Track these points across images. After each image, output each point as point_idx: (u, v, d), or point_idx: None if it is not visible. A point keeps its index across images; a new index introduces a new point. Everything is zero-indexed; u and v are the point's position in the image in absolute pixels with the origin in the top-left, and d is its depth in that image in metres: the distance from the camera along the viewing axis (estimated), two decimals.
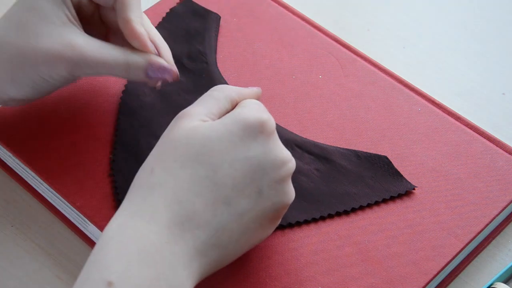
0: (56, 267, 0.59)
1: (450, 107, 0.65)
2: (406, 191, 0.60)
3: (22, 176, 0.63)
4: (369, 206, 0.59)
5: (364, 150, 0.62)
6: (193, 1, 0.72)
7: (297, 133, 0.63)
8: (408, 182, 0.60)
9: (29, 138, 0.62)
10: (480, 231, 0.58)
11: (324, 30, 0.71)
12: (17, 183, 0.63)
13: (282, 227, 0.58)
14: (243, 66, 0.68)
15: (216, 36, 0.70)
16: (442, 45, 0.75)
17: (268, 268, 0.56)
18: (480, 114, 0.68)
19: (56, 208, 0.61)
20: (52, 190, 0.60)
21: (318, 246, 0.57)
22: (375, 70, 0.68)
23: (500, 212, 0.59)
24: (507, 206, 0.59)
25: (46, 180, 0.60)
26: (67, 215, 0.61)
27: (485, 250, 0.60)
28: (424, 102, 0.65)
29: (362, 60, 0.68)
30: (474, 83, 0.71)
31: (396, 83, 0.67)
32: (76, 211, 0.59)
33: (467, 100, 0.70)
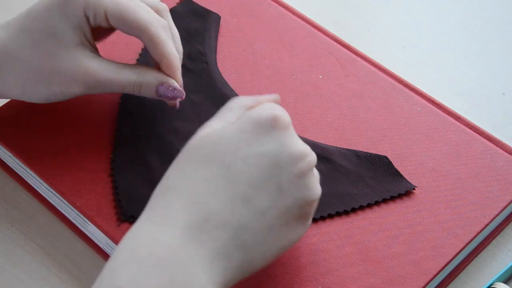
0: (56, 267, 0.59)
1: (450, 107, 0.65)
2: (406, 191, 0.60)
3: (22, 176, 0.63)
4: (369, 206, 0.59)
5: (364, 150, 0.62)
6: (193, 1, 0.72)
7: (297, 133, 0.63)
8: (408, 182, 0.60)
9: (29, 138, 0.62)
10: (480, 231, 0.58)
11: (324, 30, 0.71)
12: (17, 183, 0.63)
13: None
14: (243, 66, 0.68)
15: (216, 36, 0.70)
16: (442, 45, 0.75)
17: (268, 268, 0.56)
18: (480, 114, 0.68)
19: (56, 208, 0.61)
20: (52, 190, 0.60)
21: (318, 246, 0.57)
22: (375, 70, 0.68)
23: (500, 212, 0.59)
24: (507, 206, 0.59)
25: (46, 180, 0.60)
26: (67, 215, 0.61)
27: (485, 250, 0.60)
28: (424, 102, 0.65)
29: (362, 60, 0.68)
30: (474, 83, 0.71)
31: (396, 83, 0.67)
32: (76, 211, 0.59)
33: (467, 100, 0.70)
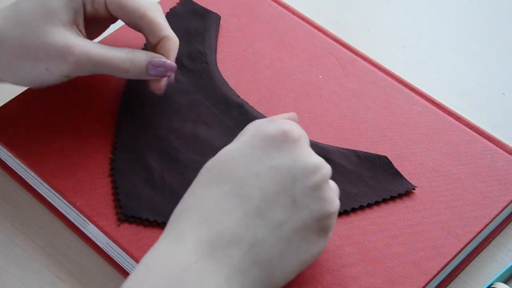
0: (56, 267, 0.59)
1: (450, 107, 0.65)
2: (406, 191, 0.60)
3: (22, 176, 0.63)
4: (369, 206, 0.59)
5: (364, 150, 0.62)
6: (193, 1, 0.72)
7: None
8: (408, 182, 0.60)
9: (29, 138, 0.62)
10: (480, 231, 0.58)
11: (324, 30, 0.71)
12: (17, 183, 0.63)
13: None
14: (243, 66, 0.68)
15: (216, 36, 0.70)
16: (442, 45, 0.75)
17: None
18: (480, 114, 0.68)
19: (56, 208, 0.61)
20: (52, 190, 0.60)
21: None
22: (375, 70, 0.68)
23: (500, 212, 0.59)
24: (507, 206, 0.59)
25: (46, 180, 0.60)
26: (67, 215, 0.61)
27: (485, 250, 0.60)
28: (424, 102, 0.65)
29: (362, 60, 0.68)
30: (474, 83, 0.71)
31: (396, 83, 0.67)
32: (76, 211, 0.59)
33: (467, 100, 0.70)
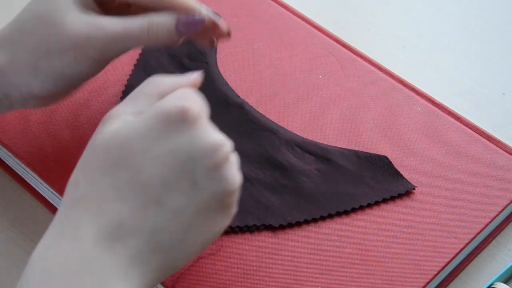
0: None
1: (450, 107, 0.65)
2: (406, 191, 0.60)
3: (22, 176, 0.63)
4: (369, 206, 0.59)
5: (364, 150, 0.62)
6: None
7: (297, 133, 0.63)
8: (408, 182, 0.60)
9: (29, 138, 0.62)
10: (480, 231, 0.58)
11: (324, 30, 0.71)
12: (17, 183, 0.63)
13: (282, 227, 0.58)
14: (243, 66, 0.68)
15: None
16: (442, 45, 0.75)
17: (268, 268, 0.56)
18: (480, 114, 0.68)
19: (56, 208, 0.61)
20: (52, 190, 0.60)
21: (318, 246, 0.57)
22: (375, 70, 0.68)
23: (500, 212, 0.59)
24: (507, 206, 0.59)
25: (46, 180, 0.60)
26: None
27: (485, 250, 0.60)
28: (424, 102, 0.65)
29: (362, 60, 0.68)
30: (474, 83, 0.71)
31: (396, 83, 0.67)
32: None
33: (467, 100, 0.70)
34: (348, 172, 0.60)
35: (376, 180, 0.60)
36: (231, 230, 0.57)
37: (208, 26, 0.56)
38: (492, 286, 0.57)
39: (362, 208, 0.59)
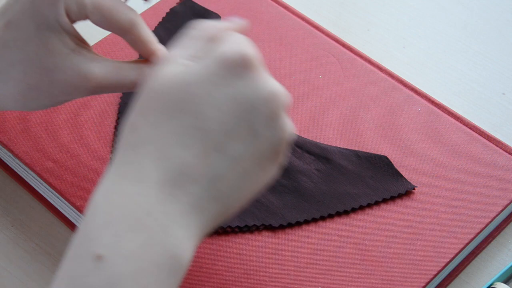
0: (56, 267, 0.59)
1: (450, 107, 0.65)
2: (406, 191, 0.60)
3: (22, 176, 0.63)
4: (369, 206, 0.59)
5: (364, 150, 0.62)
6: (193, 1, 0.72)
7: (297, 133, 0.63)
8: (408, 182, 0.60)
9: (29, 138, 0.62)
10: (480, 231, 0.58)
11: (324, 30, 0.71)
12: (17, 183, 0.63)
13: (282, 227, 0.58)
14: None
15: None
16: (442, 45, 0.75)
17: (268, 268, 0.56)
18: (480, 114, 0.68)
19: (56, 208, 0.61)
20: (52, 190, 0.60)
21: (318, 246, 0.57)
22: (375, 70, 0.68)
23: (500, 212, 0.59)
24: (507, 206, 0.59)
25: (46, 180, 0.60)
26: (67, 215, 0.61)
27: (485, 250, 0.60)
28: (424, 102, 0.65)
29: (362, 60, 0.68)
30: (474, 83, 0.71)
31: (396, 83, 0.67)
32: (76, 211, 0.59)
33: (467, 100, 0.70)
34: (348, 172, 0.61)
35: (376, 180, 0.60)
36: (231, 230, 0.57)
37: None
38: (492, 286, 0.57)
39: (362, 208, 0.59)
